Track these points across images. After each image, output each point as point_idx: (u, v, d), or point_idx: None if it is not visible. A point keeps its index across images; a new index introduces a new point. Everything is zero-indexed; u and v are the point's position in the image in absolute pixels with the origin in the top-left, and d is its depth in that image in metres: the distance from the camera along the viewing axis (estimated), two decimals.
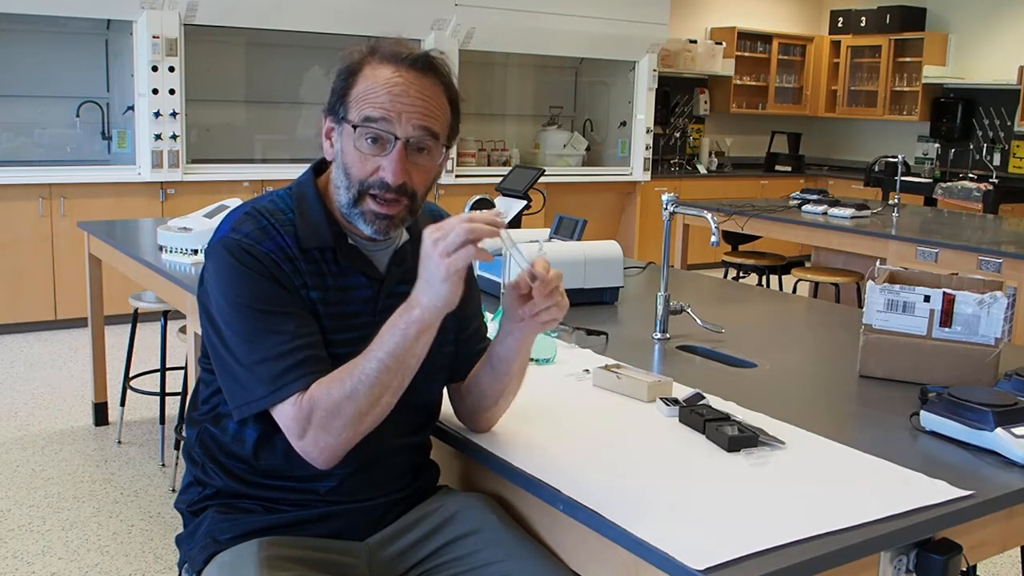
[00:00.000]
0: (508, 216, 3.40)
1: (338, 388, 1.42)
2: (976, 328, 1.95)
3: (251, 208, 1.53)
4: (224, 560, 1.50)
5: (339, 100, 1.51)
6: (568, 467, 1.50)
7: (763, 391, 1.98)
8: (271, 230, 1.49)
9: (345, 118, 1.49)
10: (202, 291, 1.53)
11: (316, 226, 1.52)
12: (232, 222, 1.51)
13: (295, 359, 1.43)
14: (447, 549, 1.57)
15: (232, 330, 1.46)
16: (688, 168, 8.66)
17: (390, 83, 1.47)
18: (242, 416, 1.47)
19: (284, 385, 1.42)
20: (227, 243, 1.47)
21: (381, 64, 1.49)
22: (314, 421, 1.42)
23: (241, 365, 1.45)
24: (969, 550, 1.41)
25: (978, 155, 8.35)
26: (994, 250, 4.18)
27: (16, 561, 2.91)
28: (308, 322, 1.48)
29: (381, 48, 1.50)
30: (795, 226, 5.09)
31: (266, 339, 1.43)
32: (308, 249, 1.50)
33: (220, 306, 1.47)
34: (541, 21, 6.85)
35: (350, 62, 1.51)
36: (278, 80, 6.65)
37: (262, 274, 1.46)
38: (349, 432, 1.43)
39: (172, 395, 3.76)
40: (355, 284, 1.54)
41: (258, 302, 1.45)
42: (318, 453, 1.44)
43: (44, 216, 5.47)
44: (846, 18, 9.09)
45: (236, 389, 1.47)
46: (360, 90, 1.48)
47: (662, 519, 1.32)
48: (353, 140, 1.48)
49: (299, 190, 1.57)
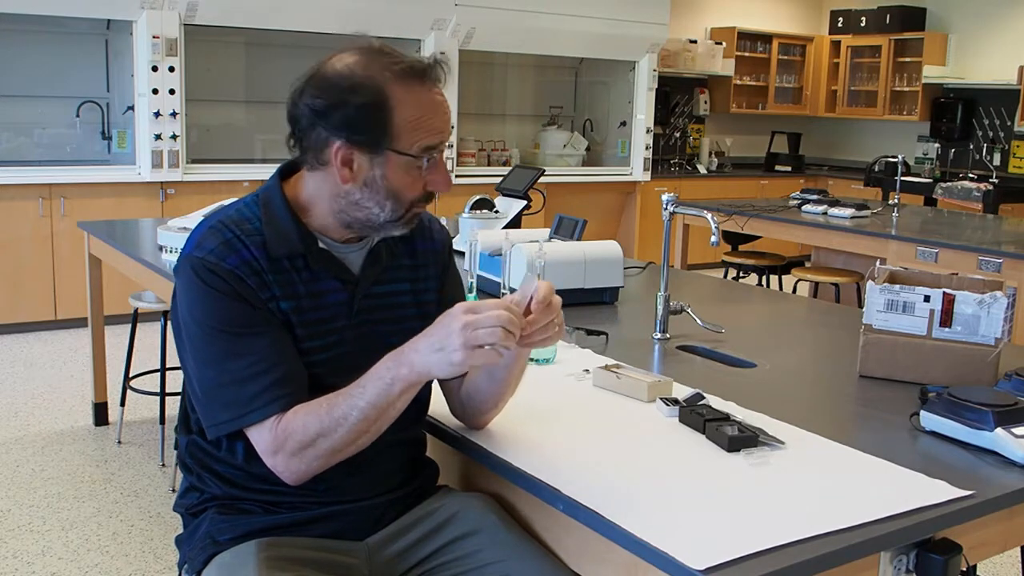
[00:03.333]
0: (508, 216, 3.40)
1: (315, 423, 1.41)
2: (976, 328, 1.95)
3: (216, 221, 1.50)
4: (224, 560, 1.50)
5: (375, 130, 1.44)
6: (568, 467, 1.49)
7: (763, 391, 1.98)
8: (236, 243, 1.46)
9: (393, 148, 1.45)
10: (173, 307, 1.52)
11: (285, 233, 1.49)
12: (197, 237, 1.49)
13: (263, 383, 1.42)
14: (447, 549, 1.57)
15: (199, 351, 1.45)
16: (688, 168, 8.66)
17: (433, 104, 1.47)
18: (214, 436, 1.48)
19: (253, 410, 1.42)
20: (192, 262, 1.46)
21: (410, 84, 1.45)
22: (287, 448, 1.43)
23: (208, 386, 1.45)
24: (969, 550, 1.41)
25: (978, 155, 8.35)
26: (994, 250, 4.18)
27: (16, 561, 2.91)
28: (277, 340, 1.46)
29: (392, 65, 1.45)
30: (795, 226, 5.09)
31: (233, 362, 1.43)
32: (277, 258, 1.48)
33: (187, 325, 1.46)
34: (541, 21, 6.85)
35: (367, 88, 1.44)
36: (278, 80, 6.60)
37: (227, 293, 1.44)
38: (321, 462, 1.45)
39: (172, 395, 3.75)
40: (329, 289, 1.53)
41: (224, 324, 1.43)
42: (289, 475, 1.45)
43: (44, 216, 5.47)
44: (846, 18, 9.09)
45: (205, 410, 1.47)
46: (405, 119, 1.44)
47: (662, 519, 1.32)
48: (406, 167, 1.47)
49: (265, 196, 1.53)
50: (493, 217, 3.35)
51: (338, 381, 1.47)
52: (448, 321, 1.36)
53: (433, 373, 1.40)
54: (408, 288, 1.63)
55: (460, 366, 1.36)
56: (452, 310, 1.37)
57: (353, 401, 1.41)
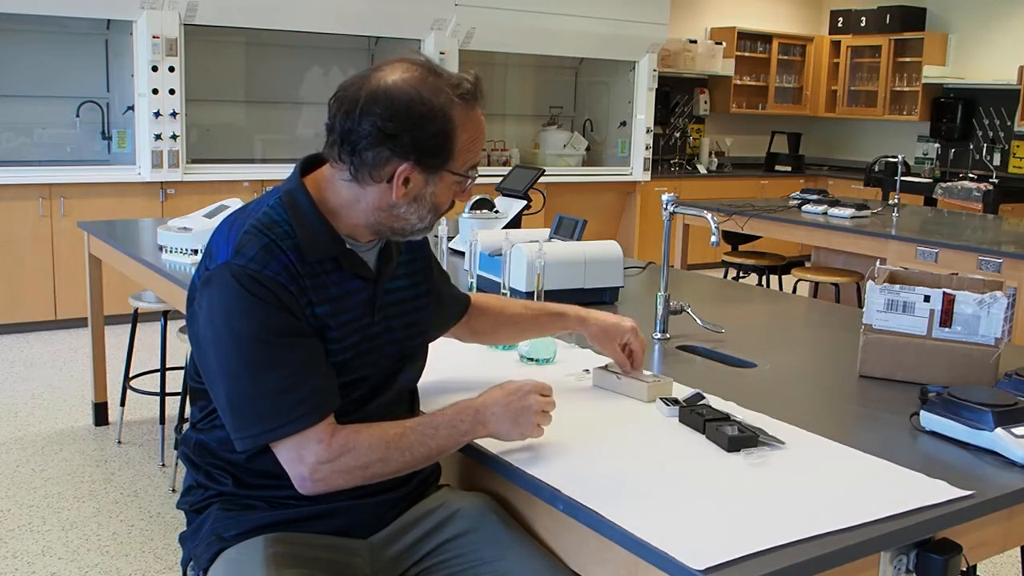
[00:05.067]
0: (508, 216, 3.40)
1: (380, 449, 1.45)
2: (976, 328, 1.95)
3: (250, 226, 1.47)
4: (231, 556, 1.50)
5: (438, 151, 1.47)
6: (568, 467, 1.50)
7: (763, 391, 1.98)
8: (274, 248, 1.45)
9: (448, 168, 1.49)
10: (194, 315, 1.50)
11: (318, 236, 1.49)
12: (235, 243, 1.45)
13: (301, 393, 1.42)
14: (447, 547, 1.58)
15: (233, 361, 1.43)
16: (688, 168, 8.66)
17: (481, 125, 1.53)
18: (246, 448, 1.45)
19: (294, 419, 1.42)
20: (233, 269, 1.43)
21: (469, 107, 1.49)
22: (340, 463, 1.43)
23: (241, 397, 1.43)
24: (969, 550, 1.41)
25: (978, 155, 8.35)
26: (994, 250, 4.18)
27: (16, 561, 2.91)
28: (313, 350, 1.46)
29: (453, 88, 1.48)
30: (795, 226, 5.09)
31: (271, 372, 1.42)
32: (310, 262, 1.48)
33: (222, 335, 1.43)
34: (541, 21, 6.85)
35: (440, 116, 1.46)
36: (278, 80, 6.65)
37: (271, 302, 1.42)
38: (357, 482, 1.47)
39: (172, 395, 3.76)
40: (354, 289, 1.54)
41: (265, 333, 1.42)
42: (322, 487, 1.45)
43: (44, 216, 5.47)
44: (846, 18, 9.09)
45: (236, 422, 1.44)
46: (465, 141, 1.49)
47: (662, 519, 1.32)
48: (452, 185, 1.52)
49: (290, 199, 1.51)
50: (493, 217, 3.35)
51: (356, 378, 1.52)
52: (525, 398, 1.53)
53: (502, 437, 1.54)
54: (407, 283, 1.67)
55: (521, 438, 1.54)
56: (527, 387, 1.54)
57: (423, 439, 1.48)
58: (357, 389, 1.54)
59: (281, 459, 1.45)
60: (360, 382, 1.55)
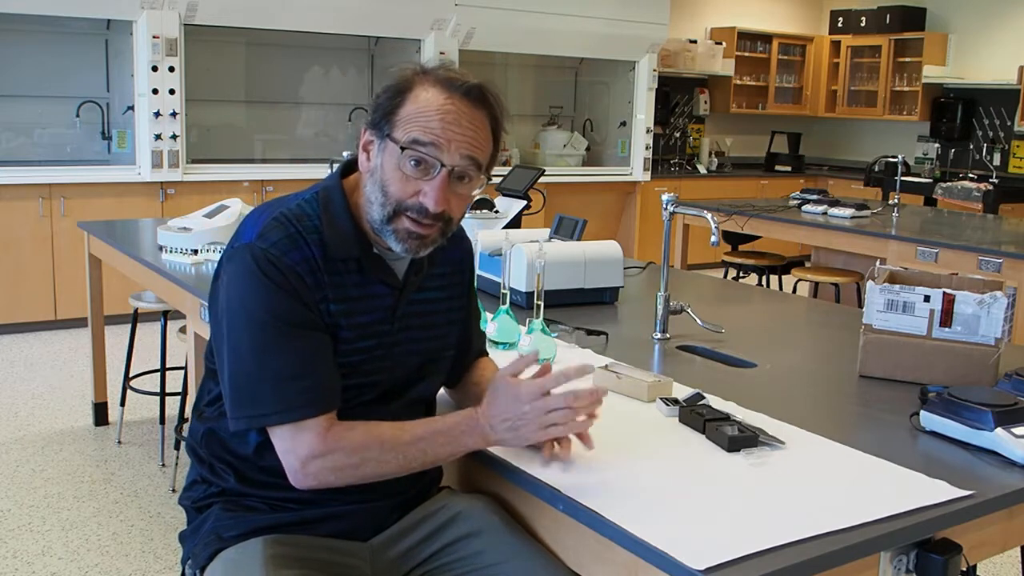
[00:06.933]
0: (508, 216, 3.40)
1: (373, 448, 1.44)
2: (976, 328, 1.95)
3: (279, 213, 1.49)
4: (229, 557, 1.50)
5: (385, 117, 1.48)
6: (568, 467, 1.50)
7: (763, 391, 1.98)
8: (298, 239, 1.46)
9: (390, 136, 1.47)
10: (215, 291, 1.51)
11: (345, 236, 1.50)
12: (260, 227, 1.47)
13: (303, 384, 1.42)
14: (449, 550, 1.58)
15: (242, 340, 1.44)
16: (688, 168, 8.66)
17: (443, 110, 1.45)
18: (239, 428, 1.46)
19: (292, 408, 1.42)
20: (253, 250, 1.44)
21: (434, 87, 1.47)
22: (331, 458, 1.43)
23: (243, 377, 1.44)
24: (969, 550, 1.41)
25: (978, 155, 8.35)
26: (994, 250, 4.18)
27: (16, 561, 2.91)
28: (321, 344, 1.46)
29: (435, 70, 1.49)
30: (795, 226, 5.09)
31: (275, 357, 1.42)
32: (333, 259, 1.48)
33: (234, 312, 1.45)
34: (541, 21, 6.85)
35: (400, 79, 1.48)
36: (278, 80, 6.65)
37: (284, 288, 1.43)
38: (349, 480, 1.46)
39: (172, 395, 3.76)
40: (376, 293, 1.54)
41: (275, 317, 1.42)
42: (313, 482, 1.45)
43: (44, 216, 5.47)
44: (846, 18, 9.09)
45: (240, 400, 1.45)
46: (410, 111, 1.46)
47: (662, 519, 1.32)
48: (396, 159, 1.46)
49: (326, 195, 1.53)
50: (493, 217, 3.35)
51: (366, 382, 1.52)
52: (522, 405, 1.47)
53: (506, 445, 1.51)
54: (442, 296, 1.66)
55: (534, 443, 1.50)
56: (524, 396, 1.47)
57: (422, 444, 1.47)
58: (367, 393, 1.54)
59: (276, 448, 1.45)
60: (371, 386, 1.54)
